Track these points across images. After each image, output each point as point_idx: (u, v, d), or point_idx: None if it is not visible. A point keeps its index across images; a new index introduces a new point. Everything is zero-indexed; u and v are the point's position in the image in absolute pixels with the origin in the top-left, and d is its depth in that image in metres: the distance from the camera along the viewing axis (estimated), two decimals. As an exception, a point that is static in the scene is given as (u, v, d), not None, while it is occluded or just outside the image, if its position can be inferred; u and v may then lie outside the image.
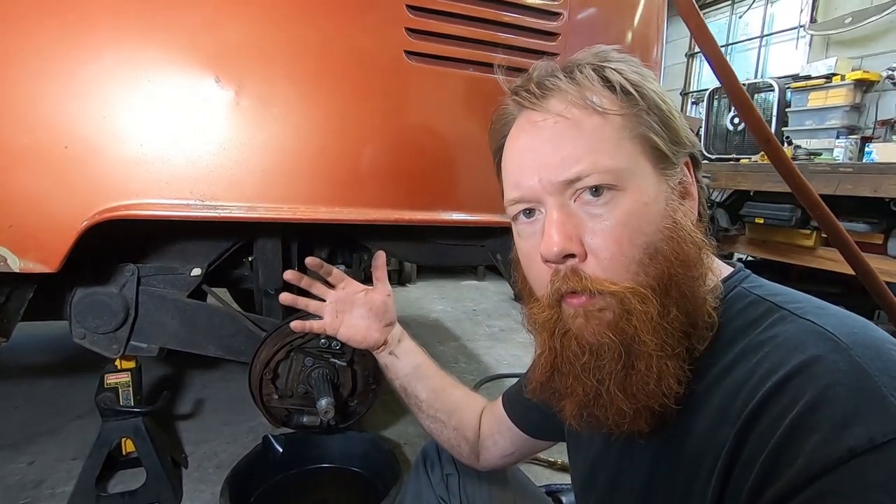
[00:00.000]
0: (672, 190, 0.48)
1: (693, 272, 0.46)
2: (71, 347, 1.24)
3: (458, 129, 1.11)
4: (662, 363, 0.44)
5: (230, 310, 1.27)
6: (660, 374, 0.44)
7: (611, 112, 0.46)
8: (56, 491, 1.29)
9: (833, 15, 4.36)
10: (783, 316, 0.44)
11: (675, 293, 0.45)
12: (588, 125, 0.46)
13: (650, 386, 0.45)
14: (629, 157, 0.46)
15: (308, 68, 0.98)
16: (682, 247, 0.46)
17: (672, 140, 0.48)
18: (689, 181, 0.51)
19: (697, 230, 0.48)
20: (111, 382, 1.24)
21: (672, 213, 0.47)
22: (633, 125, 0.47)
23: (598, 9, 1.20)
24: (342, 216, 1.03)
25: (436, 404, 0.84)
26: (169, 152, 0.92)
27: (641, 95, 0.47)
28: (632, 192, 0.46)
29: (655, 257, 0.45)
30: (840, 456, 0.34)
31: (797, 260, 2.61)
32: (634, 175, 0.46)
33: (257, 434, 1.55)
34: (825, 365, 0.38)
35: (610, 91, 0.47)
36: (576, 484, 0.66)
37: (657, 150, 0.47)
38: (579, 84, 0.48)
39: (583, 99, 0.47)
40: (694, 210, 0.50)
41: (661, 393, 0.45)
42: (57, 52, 0.85)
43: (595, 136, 0.46)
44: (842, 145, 3.33)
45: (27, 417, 1.65)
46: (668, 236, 0.46)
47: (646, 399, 0.45)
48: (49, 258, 0.89)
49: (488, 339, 2.69)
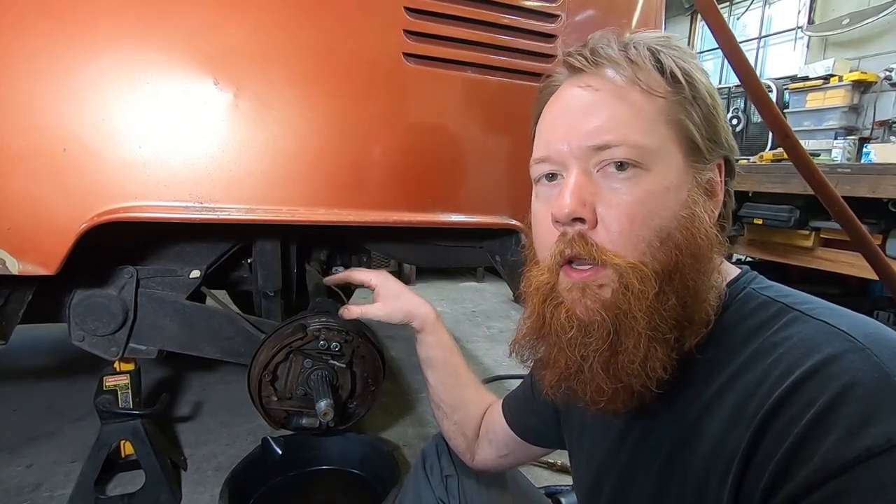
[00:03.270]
0: (698, 184, 0.47)
1: (701, 266, 0.46)
2: (70, 350, 1.24)
3: (457, 130, 1.11)
4: (651, 345, 0.45)
5: (229, 312, 1.26)
6: (646, 354, 0.45)
7: (655, 93, 0.46)
8: (55, 494, 1.28)
9: (831, 16, 4.37)
10: (796, 317, 0.44)
11: (678, 282, 0.45)
12: (629, 100, 0.46)
13: (635, 365, 0.45)
14: (661, 139, 0.46)
15: (306, 70, 0.98)
16: (696, 239, 0.46)
17: (710, 136, 0.48)
18: (717, 182, 0.50)
19: (715, 229, 0.48)
20: (110, 385, 1.24)
21: (692, 206, 0.46)
22: (673, 110, 0.47)
23: (596, 10, 1.20)
24: (341, 218, 1.03)
25: (442, 395, 0.88)
26: (168, 154, 0.92)
27: (689, 84, 0.47)
28: (656, 174, 0.45)
29: (666, 242, 0.45)
30: (858, 455, 0.34)
31: (796, 261, 2.61)
32: (662, 158, 0.46)
33: (256, 436, 1.55)
34: (843, 364, 0.37)
35: (659, 73, 0.47)
36: (580, 489, 0.65)
37: (692, 141, 0.47)
38: (631, 60, 0.47)
39: (632, 74, 0.47)
40: (716, 211, 0.50)
41: (645, 374, 0.45)
42: (56, 53, 0.85)
43: (633, 111, 0.46)
44: (840, 146, 3.34)
45: (25, 420, 1.64)
46: (684, 226, 0.46)
47: (627, 379, 0.45)
48: (48, 260, 0.89)
49: (487, 340, 2.69)
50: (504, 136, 1.16)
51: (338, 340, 1.19)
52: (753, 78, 0.60)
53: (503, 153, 1.17)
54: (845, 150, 3.30)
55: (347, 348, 1.21)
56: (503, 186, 1.17)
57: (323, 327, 1.18)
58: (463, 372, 0.89)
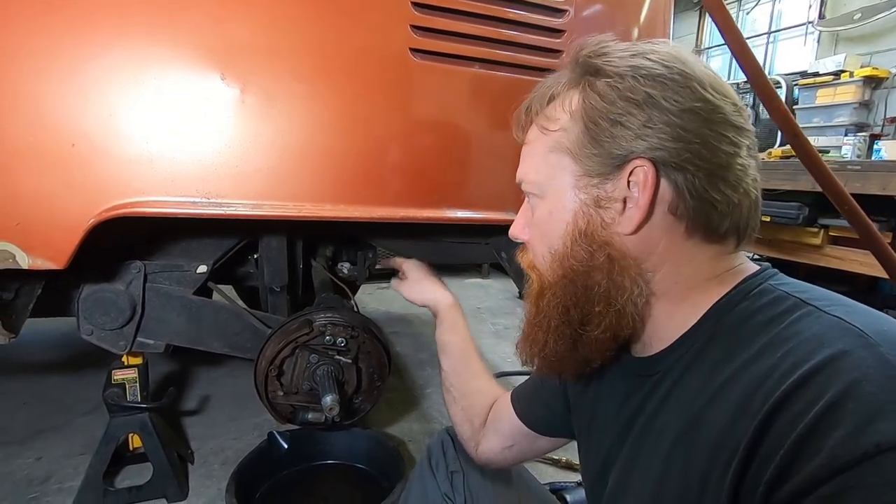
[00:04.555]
0: (583, 202, 0.52)
1: (594, 274, 0.52)
2: (78, 344, 1.25)
3: (464, 126, 1.11)
4: (549, 336, 0.56)
5: (236, 307, 1.27)
6: (545, 342, 0.57)
7: (547, 131, 0.55)
8: (64, 486, 1.30)
9: (842, 11, 4.31)
10: (810, 311, 0.44)
11: (571, 290, 0.54)
12: (537, 145, 0.57)
13: (544, 347, 0.57)
14: (548, 172, 0.55)
15: (313, 66, 0.98)
16: (578, 251, 0.52)
17: (602, 153, 0.50)
18: (620, 190, 0.50)
19: (618, 236, 0.51)
20: (118, 378, 1.25)
21: (580, 221, 0.52)
22: (559, 138, 0.54)
23: (603, 5, 1.19)
24: (347, 214, 1.03)
25: (452, 380, 0.93)
26: (175, 150, 0.92)
27: (585, 109, 0.51)
28: (548, 201, 0.56)
29: (555, 255, 0.55)
30: (865, 451, 0.34)
31: (804, 258, 2.59)
32: (551, 187, 0.55)
33: (262, 430, 1.56)
34: (852, 360, 0.37)
35: (563, 110, 0.54)
36: (587, 479, 0.66)
37: (580, 162, 0.52)
38: (541, 113, 0.57)
39: (541, 122, 0.57)
40: (624, 218, 0.50)
41: (548, 355, 0.57)
42: (63, 49, 0.85)
43: (536, 152, 0.57)
44: (850, 143, 3.31)
45: (35, 413, 1.66)
46: (569, 241, 0.53)
47: (541, 350, 0.58)
48: (57, 255, 0.89)
49: (493, 336, 2.69)
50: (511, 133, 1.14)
51: (344, 336, 1.19)
52: (761, 75, 0.59)
53: (510, 149, 1.14)
54: (855, 146, 3.27)
55: (353, 344, 1.21)
56: (510, 183, 1.16)
57: (329, 323, 1.18)
58: (475, 361, 0.94)
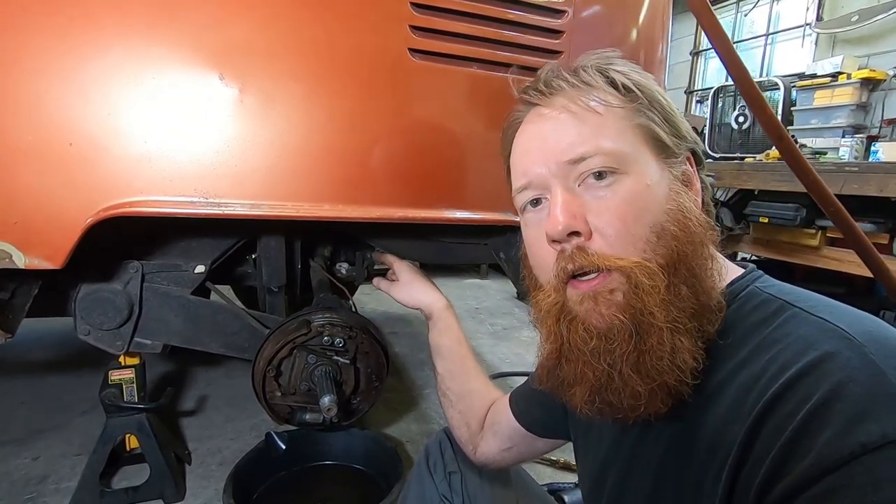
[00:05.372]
0: (674, 178, 0.50)
1: (701, 251, 0.47)
2: (75, 344, 1.24)
3: (463, 127, 1.11)
4: (676, 338, 0.44)
5: (234, 307, 1.27)
6: (673, 348, 0.44)
7: (612, 105, 0.49)
8: (60, 486, 1.30)
9: (839, 13, 4.32)
10: (795, 314, 0.44)
11: (683, 271, 0.46)
12: (591, 117, 0.49)
13: (664, 361, 0.44)
14: (631, 143, 0.49)
15: (312, 66, 0.98)
16: (689, 226, 0.47)
17: (674, 133, 0.51)
18: (691, 172, 0.53)
19: (703, 216, 0.50)
20: (115, 379, 1.25)
21: (676, 197, 0.48)
22: (634, 116, 0.49)
23: (603, 6, 1.19)
24: (346, 214, 1.02)
25: (448, 383, 0.92)
26: (173, 150, 0.92)
27: (643, 92, 0.50)
28: (634, 175, 0.48)
29: (662, 235, 0.46)
30: (852, 451, 0.34)
31: (802, 259, 2.59)
32: (636, 160, 0.48)
33: (260, 431, 1.56)
34: (838, 362, 0.38)
35: (612, 88, 0.50)
36: (584, 483, 0.66)
37: (658, 140, 0.49)
38: (584, 82, 0.51)
39: (587, 94, 0.50)
40: (698, 199, 0.52)
41: (677, 367, 0.44)
42: (61, 49, 0.85)
43: (598, 124, 0.49)
44: (847, 144, 3.31)
45: (32, 413, 1.66)
46: (675, 217, 0.47)
47: (660, 376, 0.44)
48: (54, 255, 0.89)
49: (491, 337, 2.69)
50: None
51: (342, 336, 1.19)
52: (747, 78, 0.60)
53: (508, 150, 1.16)
54: (853, 148, 3.27)
55: (351, 344, 1.21)
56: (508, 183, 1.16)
57: (327, 323, 1.18)
58: (470, 363, 0.93)
